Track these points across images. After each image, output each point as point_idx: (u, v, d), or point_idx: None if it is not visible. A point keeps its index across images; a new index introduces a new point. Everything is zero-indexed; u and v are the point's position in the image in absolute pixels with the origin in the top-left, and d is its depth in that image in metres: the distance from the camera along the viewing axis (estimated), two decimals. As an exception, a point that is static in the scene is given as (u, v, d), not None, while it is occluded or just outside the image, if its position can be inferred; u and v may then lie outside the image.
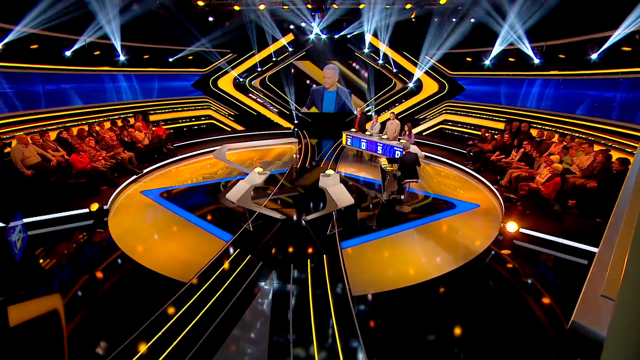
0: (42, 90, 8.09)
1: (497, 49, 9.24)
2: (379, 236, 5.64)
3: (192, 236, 5.59)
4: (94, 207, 6.01)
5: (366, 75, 13.40)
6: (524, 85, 9.63)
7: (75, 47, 8.17)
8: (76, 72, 8.88)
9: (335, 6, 10.79)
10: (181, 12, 10.43)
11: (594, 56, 7.20)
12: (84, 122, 8.77)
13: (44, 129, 7.71)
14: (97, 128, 8.52)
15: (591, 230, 4.97)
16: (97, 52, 9.22)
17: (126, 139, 8.64)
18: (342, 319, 3.67)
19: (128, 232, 5.70)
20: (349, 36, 12.60)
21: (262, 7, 10.98)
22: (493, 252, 5.18)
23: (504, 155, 8.02)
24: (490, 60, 10.09)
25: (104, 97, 9.81)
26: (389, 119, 9.91)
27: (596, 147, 6.71)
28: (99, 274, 4.54)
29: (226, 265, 4.68)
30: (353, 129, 10.58)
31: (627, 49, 6.54)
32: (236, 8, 11.13)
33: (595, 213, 5.41)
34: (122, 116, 9.85)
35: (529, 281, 4.54)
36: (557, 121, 8.51)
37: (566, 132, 7.68)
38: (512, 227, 5.39)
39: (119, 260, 4.87)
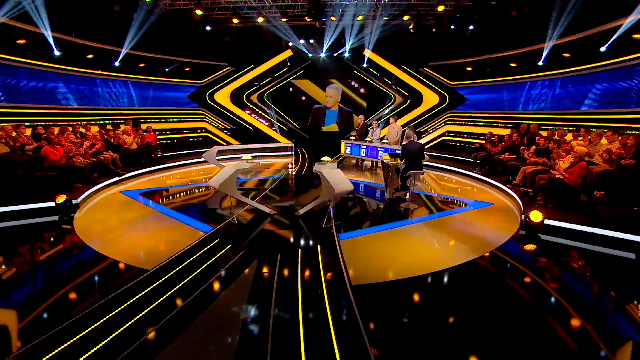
0: (29, 85, 7.77)
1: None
2: (382, 229, 4.91)
3: (168, 228, 4.87)
4: (61, 199, 5.34)
5: (364, 92, 13.27)
6: (526, 88, 9.35)
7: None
8: (68, 72, 8.64)
9: (333, 18, 10.85)
10: (179, 22, 10.47)
11: (602, 49, 6.91)
12: (72, 123, 8.33)
13: (26, 124, 7.26)
14: (83, 130, 8.07)
15: (632, 218, 4.27)
16: (90, 55, 9.06)
17: (112, 141, 8.15)
18: (339, 309, 2.87)
19: (95, 225, 5.00)
20: (346, 55, 12.60)
21: (260, 19, 11.06)
22: (516, 245, 4.42)
23: (515, 156, 7.46)
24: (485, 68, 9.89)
25: (96, 100, 9.51)
26: (389, 124, 9.48)
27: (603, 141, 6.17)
28: (52, 265, 3.79)
29: (199, 253, 3.92)
30: (352, 137, 10.13)
31: (637, 36, 6.24)
32: (235, 21, 11.22)
33: (631, 202, 4.73)
34: (113, 121, 9.47)
35: (565, 277, 3.75)
36: (566, 119, 8.09)
37: (581, 127, 7.18)
38: (536, 217, 4.66)
39: (77, 251, 4.13)
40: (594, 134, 6.26)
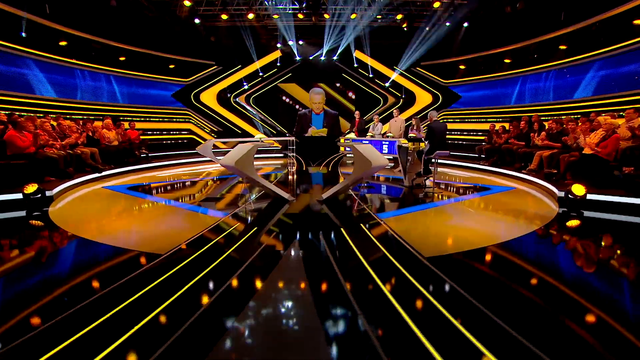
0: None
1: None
2: (416, 210, 4.43)
3: (174, 216, 4.13)
4: (30, 188, 4.38)
5: (353, 96, 13.06)
6: (519, 82, 9.55)
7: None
8: (38, 57, 7.62)
9: (326, 16, 10.66)
10: (165, 15, 9.79)
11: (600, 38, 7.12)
12: (40, 115, 7.27)
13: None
14: (53, 123, 7.03)
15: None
16: (63, 42, 8.10)
17: (90, 134, 7.17)
18: (426, 279, 2.29)
19: (81, 217, 4.13)
20: (335, 57, 12.43)
21: (251, 16, 10.65)
22: (566, 220, 4.09)
23: (523, 143, 7.37)
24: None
25: (70, 92, 8.48)
26: (392, 118, 9.23)
27: (620, 121, 6.20)
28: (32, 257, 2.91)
29: (222, 235, 3.21)
30: (352, 134, 9.74)
31: (638, 22, 6.45)
32: (224, 17, 10.72)
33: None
34: (89, 117, 8.45)
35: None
36: (563, 108, 8.23)
37: (582, 114, 7.24)
38: (578, 190, 4.39)
39: (65, 242, 3.26)
40: (610, 114, 6.26)
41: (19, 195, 4.48)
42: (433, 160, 5.62)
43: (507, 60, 9.73)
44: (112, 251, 2.88)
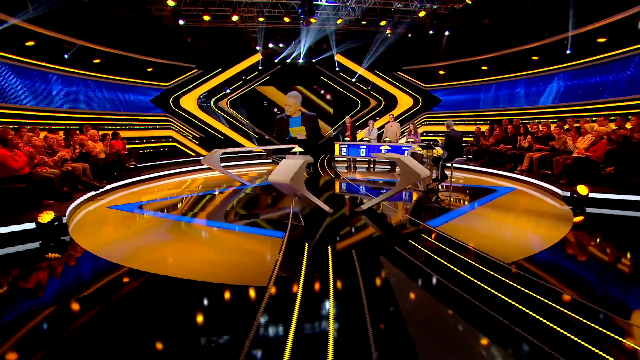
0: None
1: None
2: (454, 216, 4.71)
3: (232, 239, 3.93)
4: (46, 217, 3.87)
5: (330, 97, 13.26)
6: (492, 89, 10.51)
7: None
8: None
9: (312, 20, 10.67)
10: (146, 15, 9.05)
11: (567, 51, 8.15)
12: (13, 126, 6.35)
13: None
14: (30, 134, 6.18)
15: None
16: (30, 43, 7.14)
17: (77, 147, 6.43)
18: (532, 287, 2.52)
19: (125, 247, 3.75)
20: (314, 60, 12.52)
21: (235, 18, 10.28)
22: (583, 217, 4.66)
23: (511, 145, 8.11)
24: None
25: (40, 99, 7.50)
26: (387, 122, 9.55)
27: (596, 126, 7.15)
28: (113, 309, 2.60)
29: (308, 256, 3.16)
30: (347, 138, 9.91)
31: (602, 39, 7.48)
32: (206, 18, 10.21)
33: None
34: (69, 127, 7.55)
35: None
36: (537, 113, 9.21)
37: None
38: (583, 190, 5.02)
39: (141, 282, 2.96)
40: (582, 120, 7.17)
41: (26, 226, 3.97)
42: (448, 165, 6.02)
43: (484, 68, 10.61)
44: (213, 288, 2.67)
